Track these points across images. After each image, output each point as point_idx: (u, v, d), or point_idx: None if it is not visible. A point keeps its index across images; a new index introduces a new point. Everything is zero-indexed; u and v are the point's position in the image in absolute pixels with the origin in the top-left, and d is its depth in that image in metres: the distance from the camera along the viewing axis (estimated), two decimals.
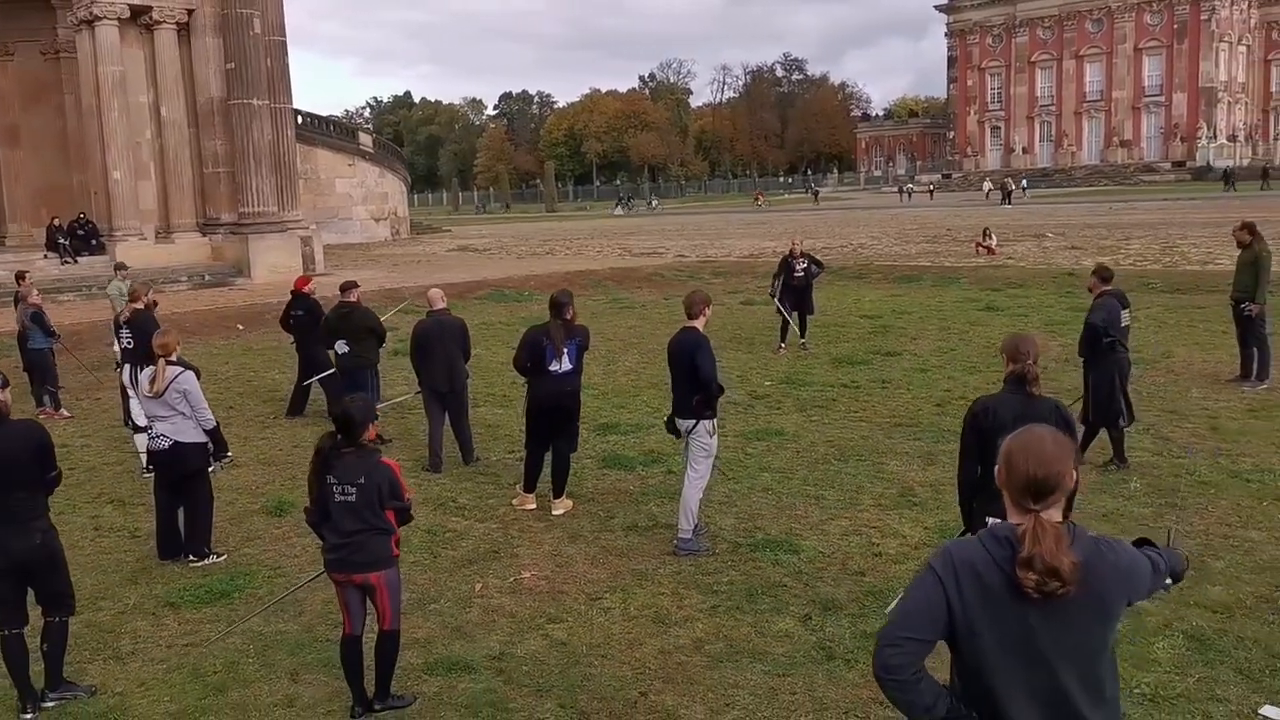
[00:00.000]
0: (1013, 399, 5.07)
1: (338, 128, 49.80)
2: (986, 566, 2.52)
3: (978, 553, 2.55)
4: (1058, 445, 2.60)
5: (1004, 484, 2.61)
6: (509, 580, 7.00)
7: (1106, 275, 9.73)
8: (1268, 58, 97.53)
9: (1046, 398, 5.15)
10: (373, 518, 4.91)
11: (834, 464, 9.41)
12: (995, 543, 2.55)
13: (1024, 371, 5.05)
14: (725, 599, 6.48)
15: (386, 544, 5.00)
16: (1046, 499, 2.54)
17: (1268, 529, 7.20)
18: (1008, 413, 5.00)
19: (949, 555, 2.58)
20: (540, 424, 8.35)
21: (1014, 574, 2.47)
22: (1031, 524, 2.51)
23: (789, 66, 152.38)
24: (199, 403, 7.46)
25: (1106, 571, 2.55)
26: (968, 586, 2.52)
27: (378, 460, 5.01)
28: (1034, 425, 2.71)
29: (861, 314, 19.14)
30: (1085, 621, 2.54)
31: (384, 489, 4.92)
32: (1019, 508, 2.58)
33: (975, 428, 5.10)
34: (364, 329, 10.87)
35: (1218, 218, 37.92)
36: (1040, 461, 2.55)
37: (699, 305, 7.37)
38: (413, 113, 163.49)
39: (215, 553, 7.66)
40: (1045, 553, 2.45)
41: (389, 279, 27.20)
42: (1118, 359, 9.29)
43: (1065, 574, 2.45)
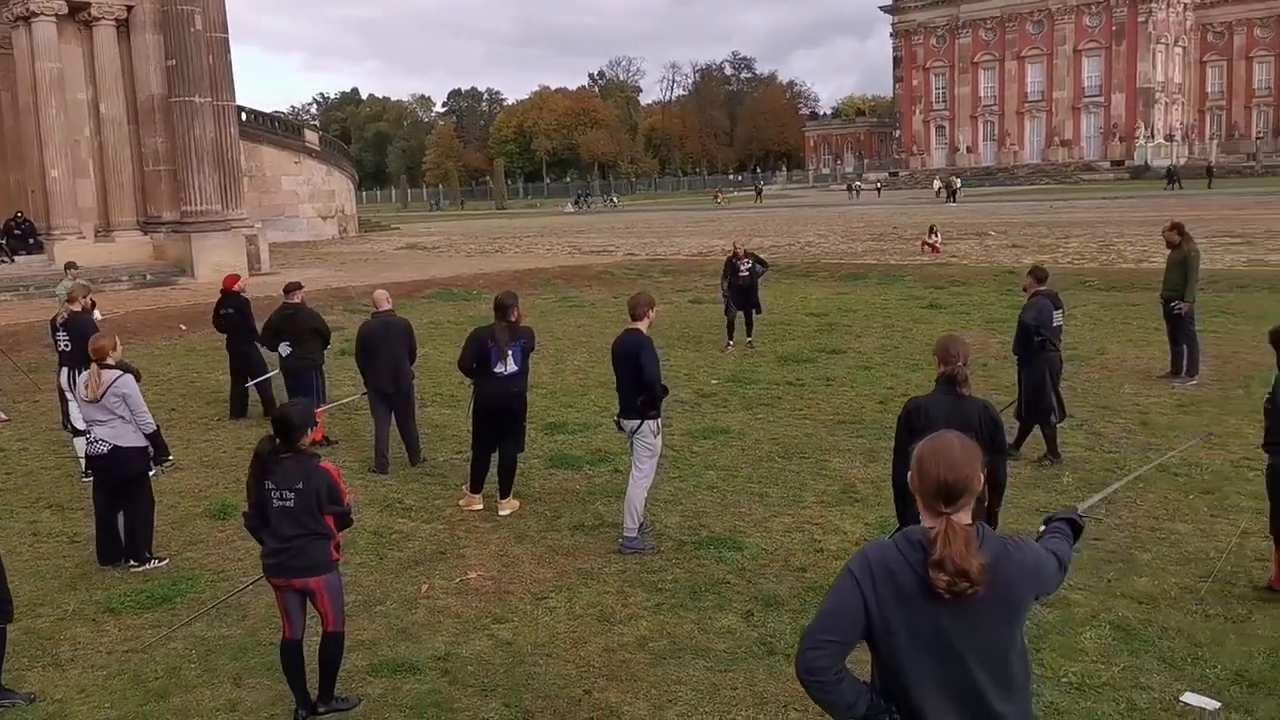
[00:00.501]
0: (944, 399, 5.22)
1: (283, 125, 49.19)
2: (901, 568, 2.63)
3: (892, 555, 2.66)
4: (966, 451, 2.72)
5: (916, 488, 2.72)
6: (455, 581, 7.03)
7: (1041, 275, 9.99)
8: (1203, 59, 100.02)
9: (975, 399, 5.31)
10: (312, 522, 4.92)
11: (778, 461, 9.55)
12: (909, 546, 2.66)
13: (954, 373, 5.20)
14: (669, 596, 6.57)
15: (326, 548, 5.01)
16: (956, 502, 2.66)
17: (1193, 521, 7.46)
18: (939, 413, 5.15)
19: (866, 559, 2.69)
20: (486, 425, 8.38)
21: (927, 575, 2.58)
22: (943, 527, 2.62)
23: (738, 65, 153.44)
24: (138, 406, 7.38)
25: (1013, 571, 2.67)
26: (883, 588, 2.62)
27: (316, 465, 5.02)
28: (944, 432, 2.83)
29: (808, 312, 19.36)
30: (994, 619, 2.66)
31: (323, 494, 4.93)
32: (930, 511, 2.69)
33: (908, 427, 5.23)
34: (308, 330, 10.81)
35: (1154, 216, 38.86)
36: (950, 466, 2.66)
37: (643, 307, 7.45)
38: (360, 109, 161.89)
39: (156, 557, 7.59)
40: (956, 555, 2.56)
41: (336, 278, 26.98)
42: (1049, 357, 9.55)
43: (974, 575, 2.56)
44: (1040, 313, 9.51)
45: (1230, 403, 10.94)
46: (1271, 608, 5.91)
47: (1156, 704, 4.97)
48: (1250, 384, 11.64)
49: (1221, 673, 5.19)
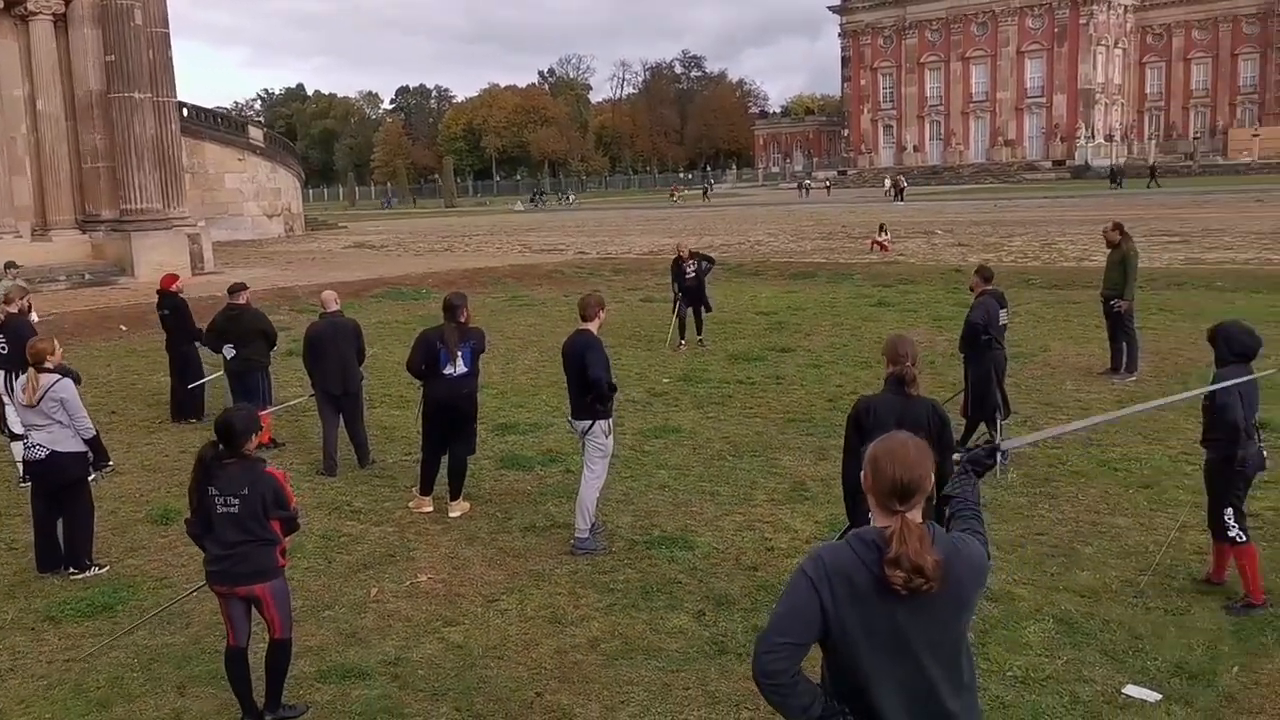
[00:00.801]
0: (893, 399, 5.27)
1: (226, 121, 48.44)
2: (855, 568, 2.65)
3: (847, 556, 2.69)
4: (919, 450, 2.75)
5: (870, 488, 2.75)
6: (405, 584, 6.97)
7: (988, 275, 10.15)
8: (1142, 60, 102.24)
9: (924, 398, 5.38)
10: (257, 528, 4.85)
11: (729, 460, 9.59)
12: (863, 545, 2.68)
13: (903, 373, 5.26)
14: (621, 597, 6.57)
15: (271, 554, 4.94)
16: (910, 500, 2.69)
17: (1133, 515, 7.62)
18: (888, 412, 5.21)
19: (820, 560, 2.71)
20: (436, 427, 8.32)
21: (882, 574, 2.61)
22: (898, 525, 2.65)
23: (688, 63, 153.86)
24: (77, 411, 7.22)
25: (963, 567, 2.72)
26: (839, 588, 2.65)
27: (262, 470, 4.95)
28: (897, 432, 2.86)
29: (757, 310, 19.46)
30: (947, 616, 2.70)
31: (268, 499, 4.85)
32: (884, 510, 2.72)
33: (858, 426, 5.28)
34: (253, 331, 10.65)
35: (1094, 215, 39.64)
36: (904, 466, 2.70)
37: (593, 308, 7.45)
38: (306, 106, 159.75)
39: (97, 564, 7.43)
40: (911, 552, 2.59)
41: (282, 277, 26.61)
42: (994, 356, 9.71)
43: (929, 571, 2.60)
44: (988, 312, 9.66)
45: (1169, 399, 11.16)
46: (1210, 600, 6.06)
47: (1099, 697, 5.07)
48: (1188, 380, 11.92)
49: (1162, 665, 5.31)
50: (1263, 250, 24.07)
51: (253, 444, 4.99)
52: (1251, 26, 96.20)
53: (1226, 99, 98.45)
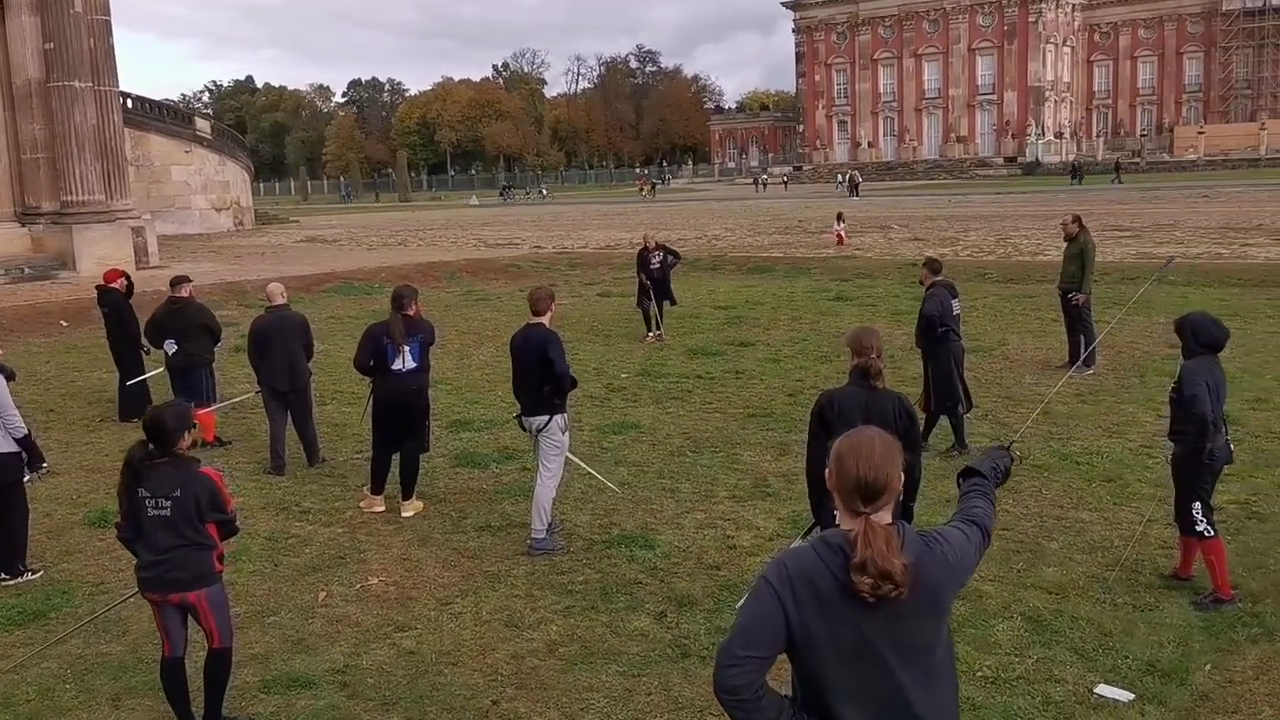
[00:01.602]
0: (857, 392, 5.12)
1: (172, 112, 47.34)
2: (820, 574, 2.47)
3: (811, 561, 2.50)
4: (886, 447, 2.57)
5: (834, 487, 2.57)
6: (355, 587, 6.70)
7: (936, 267, 10.05)
8: (1090, 59, 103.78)
9: (889, 391, 5.23)
10: (191, 532, 4.57)
11: (689, 456, 9.41)
12: (828, 550, 2.50)
13: (867, 365, 5.11)
14: (580, 599, 6.36)
15: (207, 559, 4.66)
16: (876, 501, 2.52)
17: (1097, 509, 7.55)
18: (852, 406, 5.05)
19: (783, 567, 2.52)
20: (386, 425, 8.05)
21: (848, 580, 2.43)
22: (862, 528, 2.47)
23: (643, 58, 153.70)
24: (7, 409, 6.87)
25: (936, 569, 2.55)
26: (803, 597, 2.46)
27: (196, 470, 4.66)
28: (863, 427, 2.68)
29: (716, 305, 19.33)
30: (918, 620, 2.53)
31: (203, 501, 4.58)
32: (849, 511, 2.54)
33: (822, 420, 5.12)
34: (196, 326, 10.27)
35: (1045, 210, 40.09)
36: (869, 464, 2.52)
37: (545, 301, 7.23)
38: (256, 99, 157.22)
39: (30, 569, 7.08)
40: (877, 556, 2.42)
41: (230, 272, 26.02)
42: (952, 348, 9.63)
43: (897, 576, 2.42)
44: (940, 303, 9.56)
45: (1127, 391, 11.20)
46: (1178, 596, 5.98)
47: (1071, 697, 4.95)
48: (1145, 373, 11.97)
49: (1133, 663, 5.20)
50: (1212, 245, 24.39)
51: (186, 442, 4.71)
52: (1196, 26, 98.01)
53: (1172, 97, 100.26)
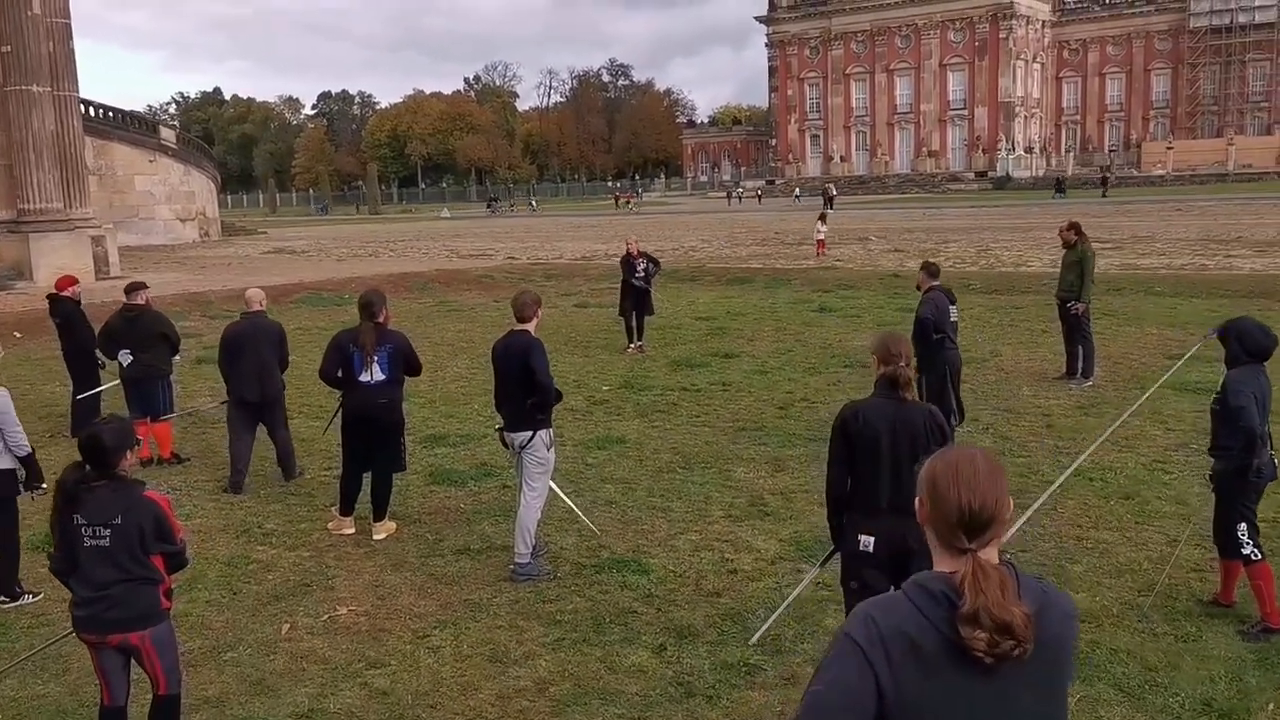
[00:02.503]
0: (885, 403, 4.62)
1: (137, 121, 46.38)
2: (921, 631, 1.95)
3: (907, 614, 1.98)
4: (992, 469, 2.06)
5: (928, 519, 2.06)
6: (322, 619, 6.11)
7: (934, 270, 9.66)
8: (1059, 75, 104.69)
9: (919, 403, 4.74)
10: (133, 564, 3.99)
11: (679, 473, 8.89)
12: (927, 598, 1.98)
13: (895, 374, 4.61)
14: (570, 630, 5.81)
15: (152, 595, 4.08)
16: (984, 535, 2.01)
17: (1118, 529, 7.09)
18: (879, 419, 4.56)
19: (872, 623, 1.98)
20: (355, 441, 7.46)
21: (956, 636, 1.92)
22: (970, 569, 1.96)
23: (615, 72, 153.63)
24: (11, 425, 6.36)
25: (1059, 621, 2.04)
26: (901, 661, 1.94)
27: (139, 494, 4.08)
28: (962, 448, 2.16)
29: (696, 316, 18.86)
30: (1043, 684, 2.02)
31: (147, 529, 4.00)
32: (949, 549, 2.03)
33: (845, 434, 4.62)
34: (154, 335, 9.63)
35: (1021, 223, 40.09)
36: (974, 489, 2.01)
37: (530, 307, 6.69)
38: (224, 110, 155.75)
39: (30, 592, 6.55)
40: (993, 604, 1.90)
41: (195, 282, 25.29)
42: (948, 356, 9.20)
43: (1019, 629, 1.91)
44: (937, 308, 9.13)
45: (1129, 404, 10.71)
46: (1220, 624, 5.52)
47: None
48: (1146, 385, 11.55)
49: (1185, 702, 4.72)
50: (1195, 256, 24.24)
51: (128, 461, 4.12)
52: (1164, 43, 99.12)
53: (1140, 113, 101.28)
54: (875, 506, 4.55)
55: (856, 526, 4.60)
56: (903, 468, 4.48)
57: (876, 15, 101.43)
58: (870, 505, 4.57)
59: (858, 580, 4.59)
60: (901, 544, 4.49)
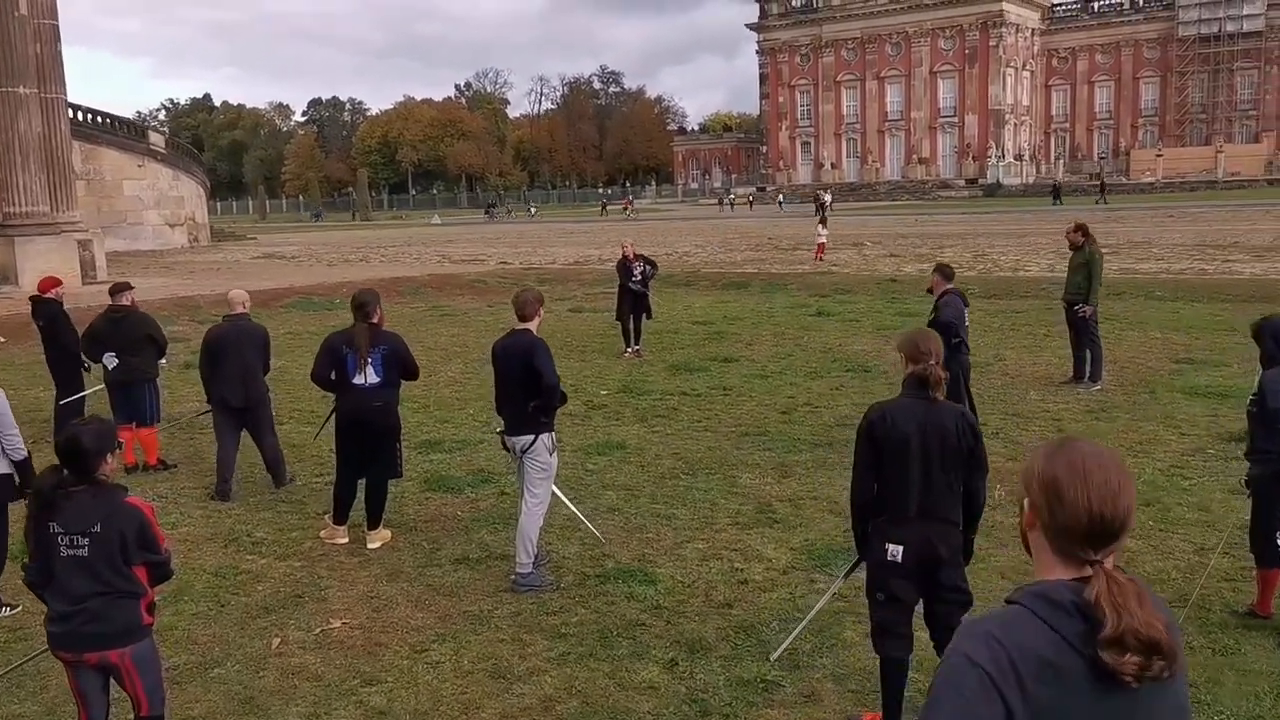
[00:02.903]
0: (913, 404, 4.37)
1: (125, 125, 45.94)
2: (1058, 651, 1.68)
3: (1037, 633, 1.70)
4: (1121, 470, 1.80)
5: (1048, 525, 1.79)
6: (315, 632, 5.82)
7: (949, 273, 9.43)
8: (1048, 83, 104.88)
9: (951, 404, 4.48)
10: (114, 576, 3.70)
11: (683, 479, 8.62)
12: (1057, 612, 1.71)
13: (926, 373, 4.35)
14: (576, 644, 5.53)
15: (133, 610, 3.79)
16: (1112, 544, 1.76)
17: (1143, 537, 6.84)
18: (908, 421, 4.31)
19: (997, 644, 1.70)
20: (348, 446, 7.17)
21: (1094, 655, 1.67)
22: (1104, 583, 1.70)
23: (606, 79, 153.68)
24: (9, 429, 6.10)
25: (1178, 635, 1.79)
26: (1035, 686, 1.67)
27: (121, 500, 3.80)
28: (1078, 441, 1.88)
29: (693, 320, 18.61)
30: (1177, 709, 1.79)
31: (129, 538, 3.71)
32: (1068, 557, 1.77)
33: (871, 438, 4.37)
34: (140, 337, 9.33)
35: (1016, 229, 40.01)
36: (1106, 492, 1.75)
37: (532, 305, 6.43)
38: (213, 117, 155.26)
39: (9, 604, 6.25)
40: (1139, 624, 1.65)
41: (183, 286, 24.95)
42: (961, 360, 8.97)
43: (1166, 646, 1.67)
44: (957, 311, 8.92)
45: (1140, 408, 10.57)
46: (1259, 637, 5.27)
47: None
48: (1155, 389, 11.37)
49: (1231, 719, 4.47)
50: (1194, 261, 24.11)
51: (109, 466, 3.84)
52: (1152, 51, 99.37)
53: (1128, 121, 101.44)
54: (904, 513, 4.30)
55: (883, 535, 4.35)
56: (932, 471, 4.23)
57: (867, 23, 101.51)
58: (898, 512, 4.32)
59: (884, 591, 4.34)
60: (931, 552, 4.24)
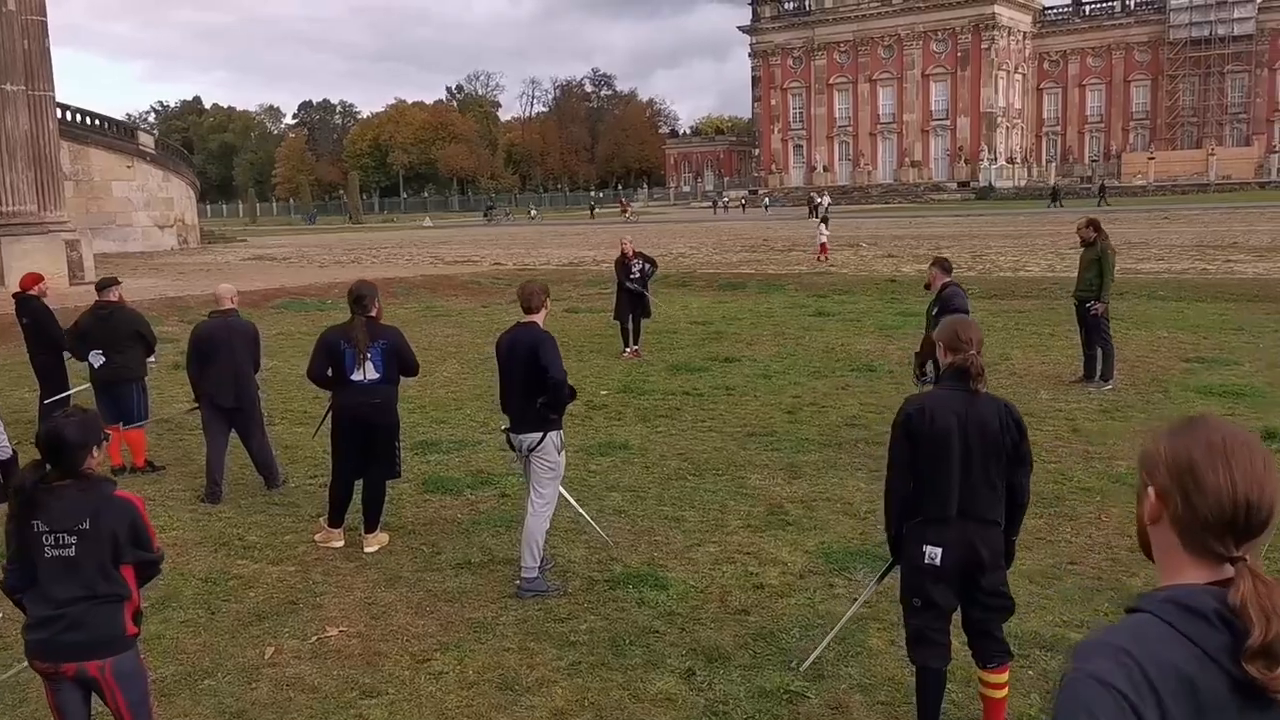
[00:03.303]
0: (954, 396, 4.10)
1: (114, 126, 45.52)
2: (1200, 667, 1.42)
3: (1173, 645, 1.44)
4: (1265, 450, 1.55)
5: (1180, 517, 1.53)
6: (310, 641, 5.53)
7: (947, 265, 9.14)
8: (1039, 86, 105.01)
9: (993, 397, 4.21)
10: (100, 579, 3.40)
11: (689, 480, 8.35)
12: (1198, 623, 1.45)
13: (967, 364, 4.08)
14: (587, 653, 5.25)
15: (117, 617, 3.48)
16: (1256, 538, 1.51)
17: None
18: (948, 414, 4.04)
19: (1129, 659, 1.44)
20: (346, 445, 6.87)
21: (1241, 672, 1.41)
22: (1250, 585, 1.44)
23: (598, 82, 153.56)
24: None
25: None
26: (1175, 707, 1.41)
27: (110, 494, 3.50)
28: (1211, 419, 1.61)
29: (691, 320, 18.35)
30: None
31: (121, 535, 3.41)
32: (1206, 556, 1.52)
33: (909, 434, 4.09)
34: (128, 335, 9.02)
35: (1012, 231, 39.85)
36: (1251, 475, 1.50)
37: (539, 296, 6.15)
38: (204, 119, 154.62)
39: None
40: None
41: (172, 287, 24.60)
42: None
43: None
44: (965, 303, 8.64)
45: (1155, 407, 10.33)
46: None
47: None
48: (1169, 388, 11.14)
49: None
50: (1195, 261, 23.94)
51: (95, 460, 3.54)
52: (1143, 54, 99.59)
53: (1119, 124, 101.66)
54: (943, 513, 4.03)
55: (921, 536, 4.08)
56: (973, 468, 3.97)
57: (860, 25, 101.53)
58: (937, 512, 4.04)
59: (921, 597, 4.06)
60: (972, 555, 3.98)
